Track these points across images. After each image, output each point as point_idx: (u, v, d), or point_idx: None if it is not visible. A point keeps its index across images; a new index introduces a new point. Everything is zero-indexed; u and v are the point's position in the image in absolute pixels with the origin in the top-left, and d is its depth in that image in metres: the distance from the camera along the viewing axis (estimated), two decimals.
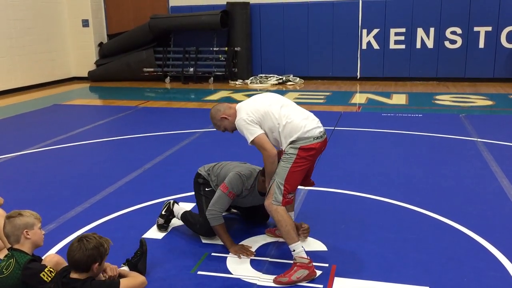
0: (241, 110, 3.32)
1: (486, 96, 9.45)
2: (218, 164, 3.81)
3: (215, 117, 3.44)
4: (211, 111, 3.48)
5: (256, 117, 3.24)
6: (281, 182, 3.16)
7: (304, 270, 3.07)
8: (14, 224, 2.81)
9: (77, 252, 2.64)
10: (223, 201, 3.47)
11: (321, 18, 11.65)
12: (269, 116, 3.23)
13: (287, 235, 3.15)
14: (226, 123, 3.41)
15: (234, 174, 3.52)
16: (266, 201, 3.23)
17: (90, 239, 2.67)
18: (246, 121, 3.23)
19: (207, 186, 3.74)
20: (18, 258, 2.76)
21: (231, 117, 3.37)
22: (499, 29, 10.68)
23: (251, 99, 3.42)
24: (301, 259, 3.10)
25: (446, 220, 3.92)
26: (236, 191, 3.48)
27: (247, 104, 3.36)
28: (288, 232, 3.14)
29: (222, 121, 3.42)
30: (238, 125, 3.29)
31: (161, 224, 3.87)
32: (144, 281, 3.01)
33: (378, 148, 6.05)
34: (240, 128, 3.28)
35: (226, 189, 3.46)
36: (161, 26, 11.92)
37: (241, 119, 3.26)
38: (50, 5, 12.17)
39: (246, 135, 3.24)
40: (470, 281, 3.05)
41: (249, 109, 3.29)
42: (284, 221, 3.15)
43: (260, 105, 3.30)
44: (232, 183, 3.47)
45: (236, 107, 3.39)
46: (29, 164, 5.70)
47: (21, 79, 11.38)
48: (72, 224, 3.97)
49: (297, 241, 3.15)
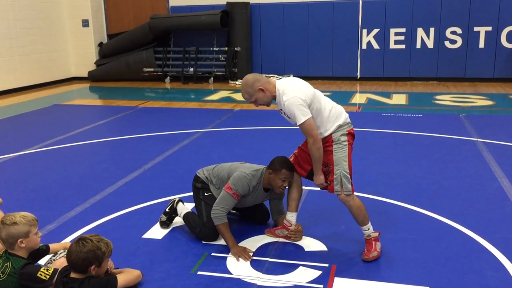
0: (291, 89, 3.22)
1: (486, 96, 9.45)
2: (218, 166, 3.78)
3: (252, 86, 3.29)
4: (248, 77, 3.33)
5: (309, 98, 3.21)
6: (346, 171, 3.27)
7: (379, 242, 3.38)
8: (8, 232, 2.78)
9: (72, 254, 2.64)
10: (227, 202, 3.46)
11: (321, 18, 11.65)
12: (317, 98, 3.27)
13: (364, 217, 3.35)
14: (261, 95, 3.32)
15: (240, 174, 3.50)
16: (339, 196, 3.32)
17: (86, 242, 2.65)
18: (301, 101, 3.16)
19: (206, 190, 3.72)
20: (13, 263, 2.77)
21: (268, 91, 3.30)
22: (499, 29, 10.68)
23: (291, 81, 3.33)
24: (375, 234, 3.37)
25: (446, 220, 3.92)
26: (241, 191, 3.47)
27: (294, 85, 3.27)
28: (366, 215, 3.35)
29: (258, 92, 3.30)
30: (291, 103, 3.17)
31: (164, 221, 3.87)
32: (140, 275, 3.03)
33: (378, 148, 6.05)
34: (292, 106, 3.17)
35: (231, 190, 3.45)
36: (161, 26, 11.92)
37: (297, 97, 3.17)
38: (50, 5, 12.17)
39: (297, 115, 3.17)
40: (470, 281, 3.05)
41: (302, 89, 3.23)
42: (362, 206, 3.34)
43: (306, 87, 3.29)
44: (237, 184, 3.45)
45: (277, 85, 3.31)
46: (29, 164, 5.70)
47: (21, 79, 11.38)
48: (72, 224, 3.97)
49: (369, 220, 3.38)
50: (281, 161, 3.51)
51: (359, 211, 3.33)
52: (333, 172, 3.29)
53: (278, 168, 3.47)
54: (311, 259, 3.36)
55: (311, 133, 3.21)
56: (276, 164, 3.50)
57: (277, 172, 3.47)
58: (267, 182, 3.56)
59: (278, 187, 3.52)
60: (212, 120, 7.74)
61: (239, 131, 7.00)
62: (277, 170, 3.47)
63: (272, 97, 3.34)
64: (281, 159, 3.53)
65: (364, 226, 3.37)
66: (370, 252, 3.33)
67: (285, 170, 3.47)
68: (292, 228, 3.61)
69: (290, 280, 3.10)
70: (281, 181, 3.49)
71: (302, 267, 3.26)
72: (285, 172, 3.47)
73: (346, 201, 3.32)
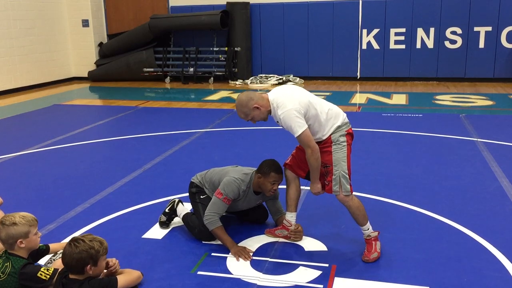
0: (284, 102, 3.21)
1: (486, 96, 9.45)
2: (210, 171, 3.81)
3: (247, 106, 3.29)
4: (242, 98, 3.32)
5: (304, 107, 3.21)
6: (345, 171, 3.27)
7: (378, 241, 3.40)
8: (7, 233, 2.78)
9: (66, 256, 2.64)
10: (218, 206, 3.47)
11: (321, 18, 11.65)
12: (312, 105, 3.27)
13: (363, 217, 3.36)
14: (257, 113, 3.32)
15: (229, 179, 3.51)
16: (337, 196, 3.31)
17: (78, 243, 2.64)
18: (296, 113, 3.16)
19: (201, 193, 3.74)
20: (13, 263, 2.77)
21: (263, 107, 3.30)
22: (499, 29, 10.68)
23: (284, 91, 3.33)
24: (374, 233, 3.38)
25: (446, 220, 3.92)
26: (231, 196, 3.48)
27: (287, 96, 3.26)
28: (365, 215, 3.36)
29: (253, 111, 3.30)
30: (286, 116, 3.17)
31: (163, 221, 3.88)
32: (140, 276, 3.03)
33: (378, 148, 6.04)
34: (288, 119, 3.17)
35: (221, 195, 3.47)
36: (161, 26, 11.92)
37: (292, 109, 3.17)
38: (50, 5, 12.17)
39: (294, 128, 3.17)
40: (470, 281, 3.05)
41: (296, 100, 3.22)
42: (361, 206, 3.35)
43: (300, 96, 3.27)
44: (227, 188, 3.47)
45: (270, 98, 3.31)
46: (29, 164, 5.70)
47: (21, 79, 11.38)
48: (72, 224, 3.97)
49: (368, 220, 3.38)
50: (269, 164, 3.51)
51: (358, 211, 3.34)
52: (332, 172, 3.29)
53: (266, 171, 3.47)
54: (311, 259, 3.36)
55: (308, 144, 3.21)
56: (264, 167, 3.50)
57: (266, 176, 3.47)
58: (257, 185, 3.56)
59: (268, 190, 3.52)
60: (212, 120, 7.74)
61: (239, 131, 7.00)
62: (265, 173, 3.47)
63: (267, 112, 3.33)
64: (269, 162, 3.52)
65: (363, 226, 3.38)
66: (370, 253, 3.33)
67: (273, 173, 3.46)
68: (292, 228, 3.62)
69: (290, 280, 3.10)
70: (271, 184, 3.49)
71: (302, 267, 3.26)
72: (274, 175, 3.47)
73: (344, 201, 3.33)
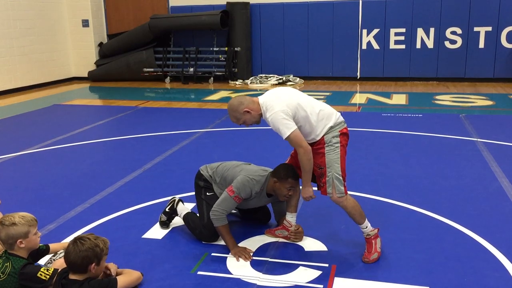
0: (272, 104, 3.22)
1: (486, 96, 9.45)
2: (223, 165, 3.72)
3: (237, 110, 3.30)
4: (233, 102, 3.34)
5: (291, 109, 3.20)
6: (339, 173, 3.25)
7: (378, 238, 3.38)
8: (7, 233, 2.78)
9: (71, 254, 2.64)
10: (228, 204, 3.41)
11: (321, 18, 11.65)
12: (300, 107, 3.23)
13: (360, 216, 3.35)
14: (248, 117, 3.32)
15: (243, 178, 3.43)
16: (331, 198, 3.30)
17: (84, 241, 2.65)
18: (283, 115, 3.15)
19: (208, 190, 3.68)
20: (13, 263, 2.77)
21: (254, 111, 3.30)
22: (499, 29, 10.68)
23: (273, 94, 3.33)
24: (374, 231, 3.36)
25: (446, 220, 3.92)
26: (243, 195, 3.42)
27: (275, 98, 3.26)
28: (361, 213, 3.35)
29: (244, 115, 3.31)
30: (274, 118, 3.17)
31: (164, 221, 3.86)
32: (140, 276, 3.03)
33: (378, 148, 6.04)
34: (276, 121, 3.18)
35: (233, 193, 3.40)
36: (161, 26, 11.92)
37: (279, 111, 3.16)
38: (50, 5, 12.17)
39: (282, 130, 3.16)
40: (470, 281, 3.05)
41: (283, 103, 3.21)
42: (357, 205, 3.34)
43: (288, 98, 3.25)
44: (240, 188, 3.40)
45: (260, 102, 3.31)
46: (29, 164, 5.70)
47: (21, 79, 11.38)
48: (72, 224, 3.96)
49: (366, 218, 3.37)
50: (286, 169, 3.44)
51: (354, 211, 3.33)
52: (326, 174, 3.27)
53: (283, 177, 3.40)
54: (311, 259, 3.36)
55: (300, 144, 3.18)
56: (281, 173, 3.42)
57: (283, 181, 3.40)
58: (271, 189, 3.49)
59: (283, 196, 3.46)
60: (212, 120, 7.74)
61: (239, 131, 6.99)
62: (282, 179, 3.40)
63: (259, 116, 3.33)
64: (287, 167, 3.46)
65: (361, 225, 3.37)
66: (370, 254, 3.32)
67: (291, 179, 3.40)
68: (292, 229, 3.61)
69: (290, 280, 3.10)
70: (287, 190, 3.42)
71: (302, 267, 3.26)
72: (291, 181, 3.40)
73: (339, 202, 3.31)
